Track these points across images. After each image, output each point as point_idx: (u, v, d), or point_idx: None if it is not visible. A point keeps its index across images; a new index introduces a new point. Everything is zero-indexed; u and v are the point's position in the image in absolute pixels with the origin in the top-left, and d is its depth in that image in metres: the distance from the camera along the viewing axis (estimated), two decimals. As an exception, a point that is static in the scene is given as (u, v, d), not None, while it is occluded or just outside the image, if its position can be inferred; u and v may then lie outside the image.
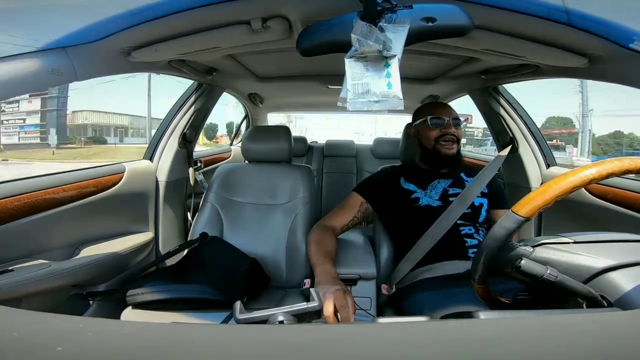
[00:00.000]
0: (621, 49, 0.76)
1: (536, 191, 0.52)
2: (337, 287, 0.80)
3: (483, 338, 0.28)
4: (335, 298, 0.75)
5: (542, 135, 1.48)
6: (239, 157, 2.21)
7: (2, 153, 17.65)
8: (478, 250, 0.56)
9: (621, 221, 1.05)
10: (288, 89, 2.00)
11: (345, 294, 0.78)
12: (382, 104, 0.67)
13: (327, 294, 0.76)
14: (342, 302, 0.75)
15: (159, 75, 1.34)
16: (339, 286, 0.81)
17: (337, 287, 0.80)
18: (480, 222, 1.09)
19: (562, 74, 1.07)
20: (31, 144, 18.84)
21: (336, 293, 0.77)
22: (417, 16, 0.65)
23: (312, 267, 0.98)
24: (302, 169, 1.43)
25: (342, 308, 0.75)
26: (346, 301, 0.76)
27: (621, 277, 0.47)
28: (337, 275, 0.91)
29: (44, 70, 0.74)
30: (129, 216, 1.35)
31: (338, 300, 0.75)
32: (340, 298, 0.76)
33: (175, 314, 0.97)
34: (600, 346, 0.27)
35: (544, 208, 0.51)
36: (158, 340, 0.27)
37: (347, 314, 0.75)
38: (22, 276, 0.88)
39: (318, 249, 1.02)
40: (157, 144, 1.54)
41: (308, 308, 0.48)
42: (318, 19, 0.72)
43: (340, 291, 0.78)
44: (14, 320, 0.30)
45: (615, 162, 0.51)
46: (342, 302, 0.76)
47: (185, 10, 0.75)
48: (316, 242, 1.05)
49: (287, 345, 0.27)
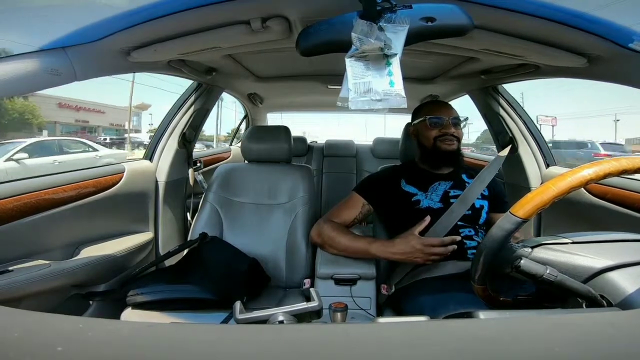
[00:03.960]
0: (620, 49, 0.76)
1: (533, 192, 0.52)
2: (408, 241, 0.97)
3: (483, 338, 0.28)
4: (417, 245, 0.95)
5: (541, 135, 1.48)
6: (239, 157, 2.21)
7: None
8: (477, 251, 0.57)
9: (621, 221, 1.05)
10: (288, 89, 2.00)
11: (416, 239, 0.96)
12: (385, 102, 0.67)
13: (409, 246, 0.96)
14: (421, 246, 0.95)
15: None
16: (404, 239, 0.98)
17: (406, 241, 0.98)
18: (480, 224, 1.09)
19: (562, 74, 1.07)
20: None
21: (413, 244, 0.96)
22: (417, 16, 0.65)
23: (351, 253, 1.08)
24: (302, 169, 1.43)
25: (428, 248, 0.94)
26: (423, 241, 0.95)
27: (621, 277, 0.47)
28: (391, 240, 1.03)
29: (43, 70, 0.74)
30: (128, 216, 1.35)
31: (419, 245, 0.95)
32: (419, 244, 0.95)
33: (175, 314, 0.97)
34: (601, 346, 0.27)
35: (542, 209, 0.51)
36: (158, 340, 0.27)
37: (436, 250, 0.94)
38: (22, 276, 0.88)
39: (349, 235, 1.09)
40: (157, 144, 1.54)
41: (308, 308, 0.48)
42: (318, 19, 0.72)
43: (414, 244, 0.96)
44: (14, 320, 0.30)
45: (613, 162, 0.51)
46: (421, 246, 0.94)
47: (185, 10, 0.74)
48: (341, 232, 1.10)
49: (287, 345, 0.27)
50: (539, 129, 1.49)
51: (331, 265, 1.09)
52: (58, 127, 19.79)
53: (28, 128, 16.20)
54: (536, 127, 1.48)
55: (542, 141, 1.47)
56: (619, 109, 32.51)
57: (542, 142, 1.47)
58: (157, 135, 1.57)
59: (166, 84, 3.66)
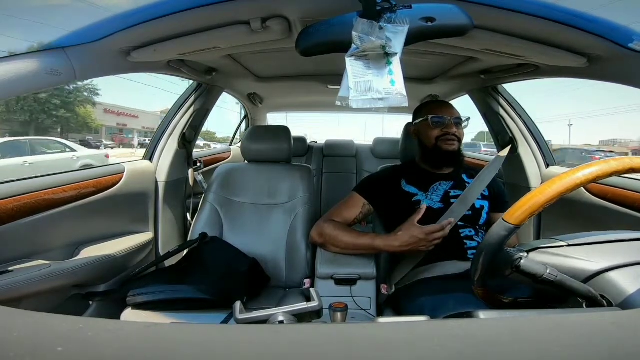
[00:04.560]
0: (621, 49, 0.76)
1: (524, 199, 0.52)
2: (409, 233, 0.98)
3: (483, 338, 0.28)
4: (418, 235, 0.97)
5: (541, 135, 1.48)
6: (239, 157, 2.21)
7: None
8: (475, 255, 0.57)
9: (621, 220, 1.05)
10: (288, 89, 2.00)
11: (417, 229, 0.97)
12: (386, 101, 0.67)
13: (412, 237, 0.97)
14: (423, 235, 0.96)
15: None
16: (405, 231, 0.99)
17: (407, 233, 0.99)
18: (481, 224, 1.09)
19: (562, 74, 1.07)
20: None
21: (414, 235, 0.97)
22: (417, 16, 0.65)
23: (355, 249, 1.08)
24: (302, 169, 1.43)
25: (431, 234, 0.96)
26: (424, 230, 0.96)
27: (621, 277, 0.47)
28: (393, 233, 1.03)
29: (43, 71, 0.74)
30: (128, 216, 1.35)
31: (421, 235, 0.96)
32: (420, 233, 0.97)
33: (175, 315, 0.97)
34: (601, 346, 0.27)
35: (534, 214, 0.51)
36: (158, 340, 0.27)
37: (438, 235, 0.96)
38: (23, 276, 0.88)
39: (351, 233, 1.09)
40: (157, 144, 1.54)
41: (308, 308, 0.48)
42: (317, 19, 0.72)
43: (416, 235, 0.97)
44: (14, 320, 0.30)
45: (602, 165, 0.50)
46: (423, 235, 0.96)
47: (185, 11, 0.74)
48: (343, 230, 1.10)
49: (287, 345, 0.27)
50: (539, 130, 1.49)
51: (331, 265, 1.09)
52: (104, 130, 23.04)
53: (88, 130, 18.72)
54: (536, 127, 1.48)
55: (542, 141, 1.47)
56: (573, 115, 33.26)
57: (542, 142, 1.47)
58: (157, 135, 1.57)
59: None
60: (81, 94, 17.32)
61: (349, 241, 1.07)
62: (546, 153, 1.45)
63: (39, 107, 13.98)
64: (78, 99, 17.06)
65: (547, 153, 1.46)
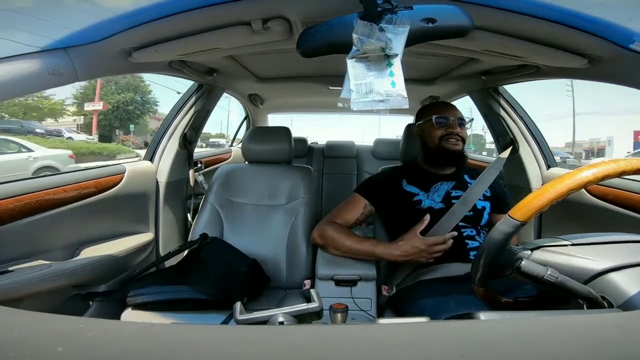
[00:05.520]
0: (621, 50, 0.76)
1: (532, 195, 0.52)
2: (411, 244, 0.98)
3: (484, 339, 0.28)
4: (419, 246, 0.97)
5: (542, 136, 1.48)
6: (239, 158, 2.21)
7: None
8: (477, 253, 0.57)
9: (621, 222, 1.05)
10: (288, 89, 2.00)
11: (419, 240, 0.98)
12: (387, 103, 0.67)
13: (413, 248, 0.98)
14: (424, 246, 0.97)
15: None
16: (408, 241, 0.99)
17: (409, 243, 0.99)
18: (482, 225, 1.09)
19: (562, 75, 1.07)
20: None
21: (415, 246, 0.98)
22: (418, 17, 0.65)
23: (356, 254, 1.08)
24: (303, 170, 1.43)
25: (433, 247, 0.96)
26: (426, 242, 0.97)
27: (621, 278, 0.47)
28: (394, 242, 1.04)
29: (45, 71, 0.74)
30: (129, 217, 1.35)
31: (422, 246, 0.97)
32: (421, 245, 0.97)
33: (175, 315, 0.97)
34: (601, 347, 0.27)
35: (540, 211, 0.51)
36: (158, 341, 0.27)
37: (439, 247, 0.97)
38: (23, 276, 0.88)
39: (352, 237, 1.09)
40: (158, 145, 1.54)
41: (308, 309, 0.49)
42: (318, 20, 0.72)
43: (418, 245, 0.97)
44: (14, 320, 0.30)
45: (611, 164, 0.52)
46: (424, 246, 0.97)
47: (186, 11, 0.75)
48: (344, 233, 1.10)
49: (288, 346, 0.27)
50: (540, 130, 1.49)
51: (331, 266, 1.09)
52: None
53: (146, 133, 20.81)
54: (537, 128, 1.48)
55: (542, 142, 1.47)
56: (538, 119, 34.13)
57: (543, 143, 1.47)
58: (157, 136, 1.57)
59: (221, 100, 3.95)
60: (151, 105, 21.16)
61: (350, 245, 1.07)
62: (547, 154, 1.45)
63: (126, 116, 19.04)
64: (150, 111, 20.97)
65: (548, 154, 1.46)
